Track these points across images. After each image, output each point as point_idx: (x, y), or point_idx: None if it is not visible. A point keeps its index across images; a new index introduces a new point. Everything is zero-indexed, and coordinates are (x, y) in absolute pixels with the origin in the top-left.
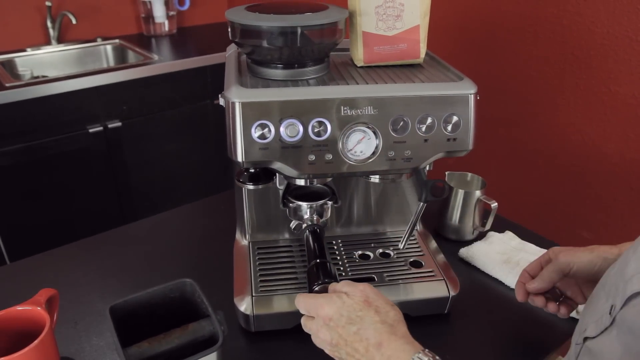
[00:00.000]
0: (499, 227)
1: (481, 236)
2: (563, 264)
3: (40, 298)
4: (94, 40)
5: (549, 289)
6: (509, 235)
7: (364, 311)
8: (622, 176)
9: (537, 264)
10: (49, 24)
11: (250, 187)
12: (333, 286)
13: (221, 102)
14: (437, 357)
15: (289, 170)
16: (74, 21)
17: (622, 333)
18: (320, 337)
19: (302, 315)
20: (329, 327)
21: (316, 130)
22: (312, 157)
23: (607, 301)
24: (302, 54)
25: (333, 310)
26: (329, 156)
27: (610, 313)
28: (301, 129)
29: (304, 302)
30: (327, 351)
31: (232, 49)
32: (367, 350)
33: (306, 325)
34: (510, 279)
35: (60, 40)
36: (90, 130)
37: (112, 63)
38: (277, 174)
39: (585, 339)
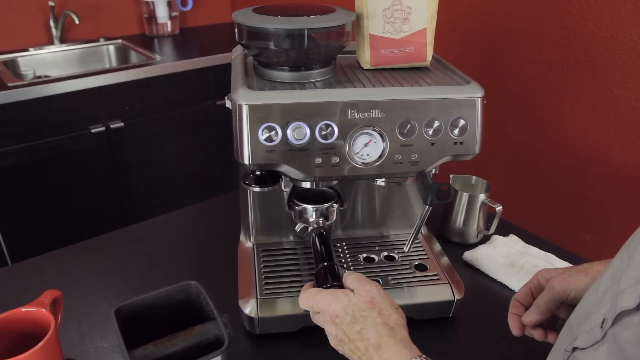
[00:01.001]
0: (503, 231)
1: (485, 239)
2: (559, 292)
3: (45, 299)
4: (97, 41)
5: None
6: (513, 238)
7: (368, 312)
8: (625, 179)
9: (526, 290)
10: (51, 23)
11: (256, 189)
12: (344, 278)
13: (227, 104)
14: None
15: (296, 173)
16: (76, 21)
17: (613, 352)
18: (327, 330)
19: (307, 317)
20: (334, 324)
21: (323, 133)
22: (318, 160)
23: (599, 311)
24: (309, 56)
25: (339, 307)
26: (336, 159)
27: (601, 327)
28: (308, 131)
29: (309, 299)
30: (332, 344)
31: (238, 50)
32: (367, 350)
33: (314, 317)
34: (514, 283)
35: (62, 40)
36: (93, 131)
37: (114, 63)
38: (282, 177)
39: (575, 349)
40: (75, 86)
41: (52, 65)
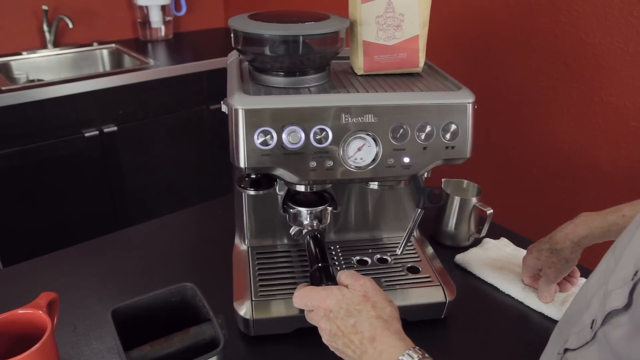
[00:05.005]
0: (494, 234)
1: (477, 243)
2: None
3: (41, 301)
4: (90, 45)
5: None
6: (503, 241)
7: (362, 305)
8: (613, 184)
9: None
10: (45, 27)
11: (252, 192)
12: (338, 275)
13: (223, 108)
14: (427, 355)
15: (290, 177)
16: (70, 25)
17: (603, 351)
18: (320, 326)
19: (301, 318)
20: (328, 319)
21: (317, 137)
22: (313, 164)
23: (589, 312)
24: (303, 62)
25: (333, 302)
26: (330, 163)
27: (591, 327)
28: (303, 136)
29: (303, 297)
30: (324, 340)
31: (233, 55)
32: (361, 343)
33: (308, 315)
34: (505, 285)
35: (56, 44)
36: (86, 135)
37: (108, 67)
38: (277, 180)
39: (566, 350)
40: (69, 90)
41: (46, 69)
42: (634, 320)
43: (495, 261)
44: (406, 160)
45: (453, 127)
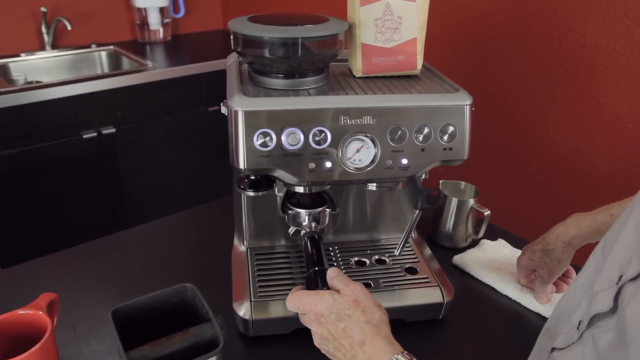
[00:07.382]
0: (491, 235)
1: (474, 244)
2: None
3: (42, 302)
4: (89, 46)
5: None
6: (501, 243)
7: (352, 310)
8: (610, 185)
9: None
10: (43, 29)
11: (251, 193)
12: (330, 280)
13: (223, 110)
14: (415, 359)
15: (290, 178)
16: (68, 27)
17: (589, 354)
18: (312, 330)
19: (299, 319)
20: (319, 323)
21: (316, 139)
22: (312, 165)
23: (576, 312)
24: (302, 64)
25: (324, 307)
26: (329, 164)
27: (577, 328)
28: (302, 137)
29: (295, 301)
30: (316, 343)
31: (232, 57)
32: (351, 347)
33: (302, 318)
34: (502, 286)
35: (54, 46)
36: (84, 136)
37: (106, 69)
38: (276, 181)
39: (553, 349)
40: (67, 92)
41: (44, 70)
42: (619, 328)
43: (493, 262)
44: (404, 161)
45: (451, 128)
